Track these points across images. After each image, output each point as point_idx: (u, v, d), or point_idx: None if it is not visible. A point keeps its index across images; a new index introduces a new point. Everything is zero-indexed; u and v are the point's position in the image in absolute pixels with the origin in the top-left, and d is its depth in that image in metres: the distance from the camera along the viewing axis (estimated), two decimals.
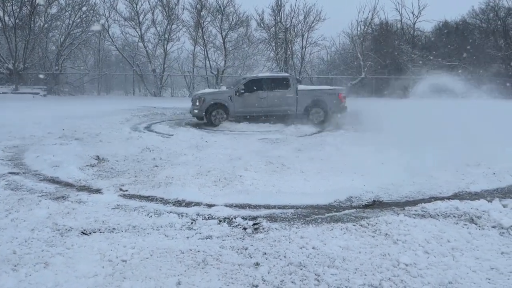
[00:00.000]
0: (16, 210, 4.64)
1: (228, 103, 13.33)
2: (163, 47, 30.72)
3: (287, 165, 6.90)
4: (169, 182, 5.95)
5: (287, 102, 13.63)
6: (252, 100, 13.45)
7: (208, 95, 13.48)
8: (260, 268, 3.31)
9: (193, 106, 13.43)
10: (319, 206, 5.07)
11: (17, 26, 26.49)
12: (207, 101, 13.22)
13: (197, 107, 13.24)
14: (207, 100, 13.25)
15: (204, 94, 13.58)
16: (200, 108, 13.20)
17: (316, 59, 35.25)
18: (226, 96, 13.41)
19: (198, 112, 13.28)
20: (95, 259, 3.44)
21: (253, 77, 14.38)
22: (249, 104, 13.45)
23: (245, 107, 13.42)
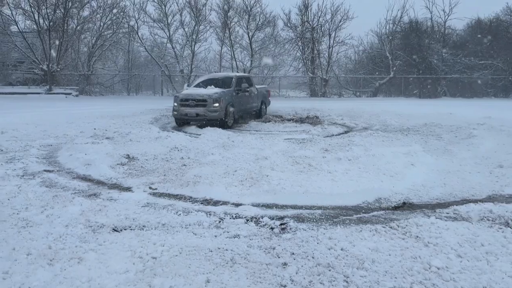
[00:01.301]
0: (51, 206, 4.80)
1: (234, 103, 12.92)
2: (190, 48, 31.09)
3: (314, 165, 6.86)
4: (197, 181, 6.02)
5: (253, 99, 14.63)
6: (243, 99, 13.72)
7: (223, 95, 12.30)
8: (288, 268, 3.31)
9: (209, 107, 11.91)
10: (347, 207, 5.02)
11: (51, 29, 27.37)
12: (225, 102, 12.22)
13: (216, 108, 11.93)
14: (225, 100, 12.27)
15: (216, 93, 12.19)
16: (221, 109, 12.03)
17: (344, 59, 34.87)
18: (231, 95, 12.92)
19: (218, 114, 11.98)
20: (126, 255, 3.52)
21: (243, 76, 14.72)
22: (241, 102, 13.55)
23: (240, 105, 13.37)
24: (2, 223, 4.24)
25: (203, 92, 12.36)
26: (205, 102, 11.90)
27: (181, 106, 12.16)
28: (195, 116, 12.05)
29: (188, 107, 12.09)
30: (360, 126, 12.76)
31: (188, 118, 12.27)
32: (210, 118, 11.91)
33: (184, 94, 12.39)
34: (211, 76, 14.86)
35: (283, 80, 32.83)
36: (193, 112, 12.04)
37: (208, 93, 12.10)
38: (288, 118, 14.97)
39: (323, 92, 30.78)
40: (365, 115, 15.71)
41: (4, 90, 26.36)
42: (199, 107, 11.96)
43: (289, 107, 18.59)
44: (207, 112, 11.90)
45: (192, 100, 12.06)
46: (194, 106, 12.02)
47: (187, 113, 12.11)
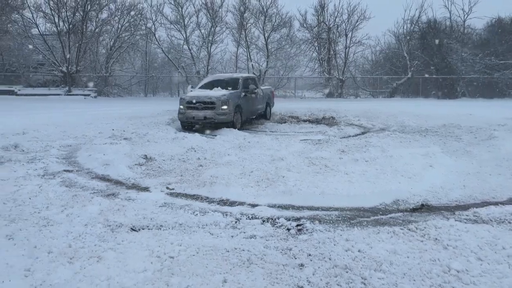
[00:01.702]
0: (71, 206, 4.89)
1: (242, 105, 12.41)
2: (207, 49, 31.27)
3: (330, 166, 6.82)
4: (213, 181, 6.05)
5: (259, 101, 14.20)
6: (250, 101, 13.22)
7: (231, 97, 11.82)
8: (305, 269, 3.30)
9: (217, 110, 11.45)
10: (364, 208, 4.98)
11: (71, 31, 27.89)
12: (233, 104, 11.78)
13: (225, 110, 11.49)
14: (234, 102, 11.83)
15: (224, 95, 11.71)
16: (229, 112, 11.60)
17: (360, 59, 34.60)
18: (239, 97, 12.43)
19: (227, 116, 11.53)
20: (144, 254, 3.56)
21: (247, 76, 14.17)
22: (248, 104, 13.05)
23: (247, 107, 12.88)
24: (24, 222, 4.34)
25: (210, 94, 11.84)
26: (214, 104, 11.41)
27: (187, 109, 11.65)
28: (203, 119, 11.52)
29: (195, 109, 11.59)
30: (377, 127, 12.65)
31: (196, 121, 11.76)
32: (218, 121, 11.42)
33: (191, 96, 11.85)
34: (216, 77, 14.30)
35: (299, 80, 32.73)
36: (200, 115, 11.52)
37: (216, 95, 11.60)
38: (304, 119, 14.93)
39: (340, 92, 30.60)
40: (382, 116, 15.56)
41: (25, 92, 26.96)
42: (207, 110, 11.47)
43: (305, 108, 18.54)
44: (215, 115, 11.40)
45: (200, 102, 11.55)
46: (201, 109, 11.53)
47: (194, 116, 11.60)
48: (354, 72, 33.08)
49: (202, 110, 11.52)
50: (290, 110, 17.33)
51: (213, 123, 11.47)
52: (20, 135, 10.11)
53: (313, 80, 33.27)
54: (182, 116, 11.85)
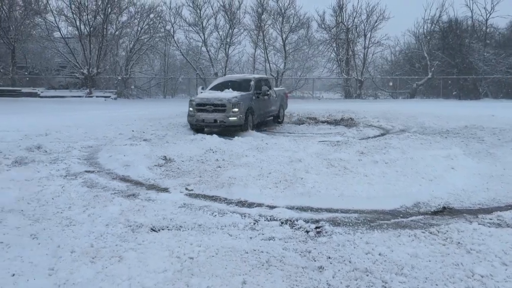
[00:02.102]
0: (92, 206, 4.98)
1: (253, 108, 11.85)
2: (225, 51, 31.45)
3: (349, 168, 6.76)
4: (231, 182, 6.07)
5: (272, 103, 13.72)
6: (262, 103, 12.67)
7: (242, 99, 11.31)
8: (324, 272, 3.28)
9: (228, 113, 10.94)
10: (385, 211, 4.92)
11: (91, 34, 28.40)
12: (245, 106, 11.28)
13: (235, 113, 11.00)
14: (245, 105, 11.33)
15: (235, 98, 11.18)
16: (240, 115, 11.10)
17: (379, 59, 34.28)
18: (251, 99, 11.88)
19: (238, 119, 11.03)
20: (164, 255, 3.60)
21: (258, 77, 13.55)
22: (261, 106, 12.51)
23: (259, 110, 12.33)
24: (47, 221, 4.44)
25: (221, 96, 11.32)
26: (224, 107, 10.92)
27: (197, 111, 11.19)
28: (213, 122, 11.06)
29: (205, 112, 11.10)
30: (397, 128, 12.48)
31: (205, 124, 11.25)
32: (229, 124, 10.97)
33: (200, 98, 11.40)
34: (227, 78, 13.75)
35: (317, 82, 32.61)
36: (210, 117, 11.04)
37: (227, 97, 11.09)
38: (322, 120, 14.85)
39: (358, 93, 30.34)
40: (402, 117, 15.36)
41: (48, 94, 27.57)
42: (217, 113, 10.99)
43: (323, 109, 18.44)
44: (226, 117, 10.89)
45: (210, 104, 11.06)
46: (211, 111, 11.04)
47: (204, 118, 11.10)
48: (373, 72, 32.76)
49: (212, 112, 11.04)
50: (308, 111, 17.27)
51: (223, 126, 11.02)
52: (43, 136, 10.34)
53: (331, 81, 33.10)
54: (191, 118, 11.41)
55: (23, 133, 10.63)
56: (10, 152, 8.13)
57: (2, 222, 4.35)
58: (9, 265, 3.39)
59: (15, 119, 14.06)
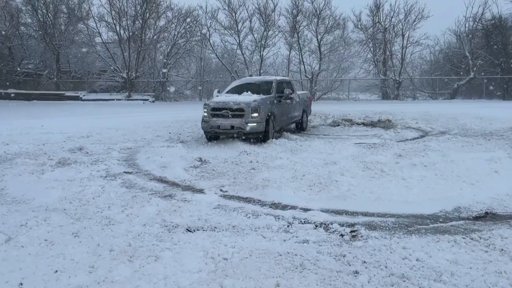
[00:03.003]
0: (131, 206, 5.12)
1: (275, 113, 10.55)
2: (259, 53, 31.57)
3: (386, 171, 6.62)
4: (265, 184, 6.08)
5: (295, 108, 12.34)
6: (284, 108, 11.40)
7: (263, 104, 9.99)
8: (359, 276, 3.22)
9: (247, 118, 9.66)
10: (423, 215, 4.77)
11: (131, 39, 29.29)
12: (265, 112, 9.98)
13: (255, 119, 9.69)
14: (266, 110, 10.03)
15: (255, 101, 9.88)
16: (261, 121, 9.78)
17: (418, 59, 33.34)
18: (272, 103, 10.61)
19: (258, 126, 9.72)
20: (199, 255, 3.65)
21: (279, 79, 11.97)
22: (283, 111, 11.23)
23: (281, 115, 11.06)
24: (88, 221, 4.60)
25: (239, 99, 10.06)
26: (242, 112, 9.67)
27: (212, 117, 9.93)
28: (230, 128, 9.78)
29: (221, 117, 9.84)
30: (437, 130, 12.09)
31: (221, 131, 9.95)
32: (248, 132, 9.67)
33: (216, 102, 10.13)
34: (246, 80, 12.39)
35: (353, 83, 32.11)
36: (227, 124, 9.76)
37: (246, 101, 9.85)
38: (358, 122, 14.61)
39: (396, 94, 29.64)
40: (442, 118, 14.87)
41: (89, 97, 28.62)
42: (235, 118, 9.73)
43: (359, 111, 18.13)
44: (244, 124, 9.61)
45: (227, 109, 9.79)
46: (228, 117, 9.78)
47: (220, 125, 9.83)
48: (411, 73, 31.91)
49: (229, 118, 9.78)
50: (343, 113, 17.03)
51: (241, 133, 9.73)
52: (84, 138, 10.75)
53: (367, 82, 32.51)
54: (206, 125, 10.09)
55: (67, 135, 11.09)
56: (54, 153, 8.50)
57: (47, 220, 4.55)
58: (52, 262, 3.54)
59: (59, 121, 14.69)
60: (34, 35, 31.78)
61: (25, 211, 4.87)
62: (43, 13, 30.37)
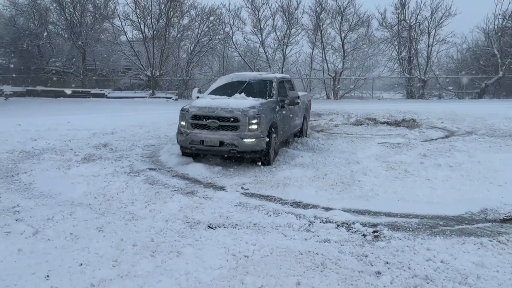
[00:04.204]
0: (153, 202, 5.19)
1: (278, 123, 8.00)
2: (282, 52, 31.45)
3: (410, 171, 6.51)
4: (286, 183, 6.07)
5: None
6: (287, 116, 8.72)
7: (264, 111, 7.39)
8: (382, 277, 3.18)
9: (243, 131, 7.04)
10: (448, 217, 4.67)
11: (155, 37, 29.66)
12: (267, 121, 7.39)
13: (254, 132, 7.09)
14: (268, 119, 7.42)
15: (253, 108, 7.28)
16: (261, 134, 7.16)
17: (444, 58, 32.50)
18: (274, 109, 7.98)
19: (257, 142, 7.09)
20: (220, 252, 3.67)
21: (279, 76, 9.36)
22: (286, 120, 8.64)
23: (283, 126, 8.45)
24: (112, 216, 4.69)
25: (230, 104, 7.40)
26: (236, 122, 7.07)
27: (193, 127, 7.31)
28: (218, 145, 7.11)
29: (206, 129, 7.21)
30: (463, 130, 11.79)
31: (206, 148, 7.26)
32: (243, 150, 7.09)
33: (199, 108, 7.41)
34: (237, 77, 9.25)
35: (377, 81, 31.62)
36: (214, 138, 7.12)
37: (241, 107, 7.22)
38: (381, 121, 14.39)
39: (421, 93, 29.06)
40: (468, 118, 14.49)
41: (114, 95, 29.13)
42: (225, 131, 7.13)
43: (383, 110, 17.86)
44: (239, 139, 7.03)
45: (214, 118, 7.15)
46: (216, 129, 7.15)
47: (204, 139, 7.17)
48: (437, 72, 31.21)
49: (217, 130, 7.15)
50: (366, 112, 16.81)
51: (234, 152, 7.13)
52: (109, 134, 10.95)
53: (392, 80, 31.95)
54: (183, 138, 7.42)
55: (92, 131, 11.33)
56: (80, 149, 8.70)
57: (72, 214, 4.67)
58: (77, 255, 3.63)
59: (85, 118, 15.00)
60: (61, 33, 32.55)
61: (52, 205, 5.00)
62: (70, 12, 31.05)
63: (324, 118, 15.25)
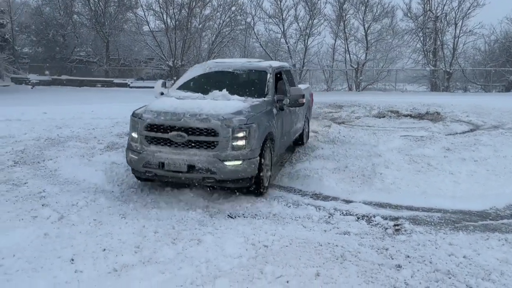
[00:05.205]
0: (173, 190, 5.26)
1: (275, 133, 5.74)
2: (303, 42, 31.17)
3: (433, 165, 6.39)
4: (307, 174, 6.04)
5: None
6: (287, 120, 6.52)
7: (254, 118, 5.08)
8: (402, 271, 3.15)
9: (223, 150, 4.78)
10: (471, 212, 4.59)
11: (177, 27, 29.81)
12: (260, 133, 5.09)
13: (242, 151, 4.85)
14: (261, 130, 5.13)
15: (238, 113, 4.99)
16: (251, 154, 4.91)
17: (471, 50, 31.60)
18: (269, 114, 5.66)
19: (246, 165, 4.82)
20: (239, 241, 3.70)
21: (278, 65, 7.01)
22: (286, 126, 6.46)
23: (282, 135, 6.24)
24: (134, 203, 4.78)
25: (205, 107, 5.02)
26: (213, 135, 4.82)
27: (149, 143, 5.06)
28: (186, 171, 4.84)
29: (168, 145, 4.96)
30: (489, 124, 11.49)
31: (167, 174, 4.97)
32: (224, 178, 4.82)
33: (156, 112, 5.13)
34: (216, 66, 6.68)
35: (400, 73, 31.03)
36: (180, 160, 4.85)
37: (220, 112, 4.94)
38: (404, 114, 14.15)
39: (446, 86, 28.39)
40: (495, 112, 14.09)
41: (136, 84, 29.49)
42: (197, 149, 4.87)
43: (406, 102, 17.54)
44: (218, 161, 4.78)
45: (180, 129, 4.90)
46: (183, 146, 4.89)
47: (165, 161, 4.91)
48: (463, 64, 30.40)
49: (184, 148, 4.89)
50: (389, 104, 16.54)
51: (211, 181, 4.86)
52: None
53: (415, 72, 31.31)
54: (135, 159, 5.12)
55: (115, 120, 11.51)
56: (103, 137, 8.86)
57: (96, 201, 4.77)
58: (101, 240, 3.72)
59: (108, 107, 15.23)
60: (86, 23, 33.06)
61: (76, 192, 5.12)
62: (94, 2, 31.48)
63: (346, 110, 15.09)
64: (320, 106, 16.86)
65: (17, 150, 7.27)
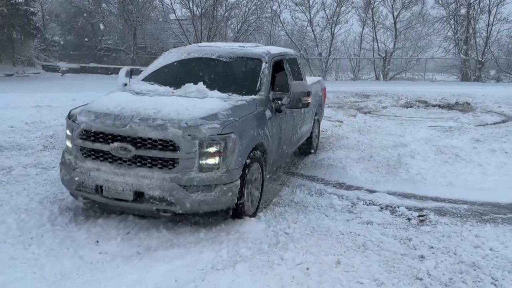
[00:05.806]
0: None
1: (268, 144, 4.30)
2: (330, 30, 30.70)
3: (461, 156, 6.22)
4: (330, 163, 6.00)
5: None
6: (287, 126, 5.09)
7: (235, 126, 3.64)
8: (425, 261, 3.11)
9: (186, 173, 3.39)
10: (500, 204, 4.46)
11: (203, 16, 29.87)
12: (244, 149, 3.68)
13: (214, 174, 3.47)
14: (245, 144, 3.72)
15: (213, 117, 3.58)
16: (228, 178, 3.52)
17: (505, 38, 30.43)
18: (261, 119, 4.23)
19: (221, 193, 3.48)
20: (260, 227, 3.72)
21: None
22: (286, 131, 5.05)
23: (279, 144, 4.81)
24: None
25: (164, 107, 3.65)
26: (173, 149, 3.42)
27: (84, 156, 3.71)
28: (132, 200, 3.47)
29: (108, 162, 3.59)
30: None
31: (106, 202, 3.66)
32: (187, 210, 3.47)
33: (95, 113, 3.74)
34: (196, 51, 5.16)
35: (430, 62, 30.22)
36: (123, 184, 3.47)
37: (184, 114, 3.55)
38: (433, 104, 13.79)
39: (477, 76, 27.49)
40: None
41: None
42: (149, 168, 3.47)
43: (435, 92, 17.09)
44: (178, 188, 3.40)
45: (125, 138, 3.49)
46: (129, 162, 3.51)
47: (103, 184, 3.54)
48: (496, 53, 29.32)
49: (131, 166, 3.52)
50: (417, 94, 16.16)
51: (167, 214, 3.58)
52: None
53: (446, 62, 30.43)
54: (68, 175, 3.77)
55: None
56: None
57: None
58: None
59: None
60: (114, 11, 33.54)
61: None
62: None
63: (372, 99, 14.84)
64: (346, 95, 16.62)
65: (47, 135, 7.49)
